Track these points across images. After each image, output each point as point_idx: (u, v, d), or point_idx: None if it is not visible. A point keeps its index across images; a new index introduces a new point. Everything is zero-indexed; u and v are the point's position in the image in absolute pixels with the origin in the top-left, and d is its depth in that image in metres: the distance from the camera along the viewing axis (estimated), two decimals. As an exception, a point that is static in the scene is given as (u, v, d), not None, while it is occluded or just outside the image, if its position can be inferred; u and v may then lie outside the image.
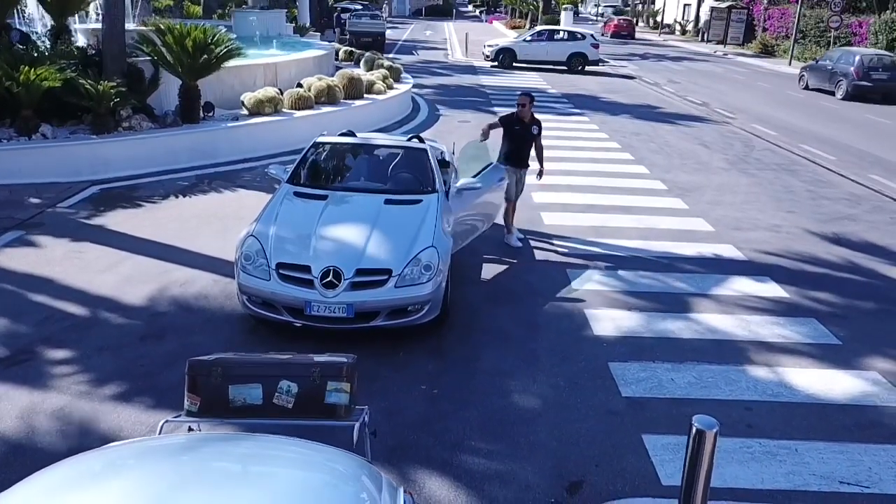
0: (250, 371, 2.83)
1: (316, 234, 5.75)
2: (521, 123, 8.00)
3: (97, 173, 9.90)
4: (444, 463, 4.31)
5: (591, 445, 4.56)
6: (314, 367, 2.83)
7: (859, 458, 4.52)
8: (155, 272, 6.89)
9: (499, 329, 6.11)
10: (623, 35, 46.17)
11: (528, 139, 8.07)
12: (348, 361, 2.90)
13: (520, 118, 7.97)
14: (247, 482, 1.96)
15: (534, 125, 8.06)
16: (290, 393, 2.80)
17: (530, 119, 8.03)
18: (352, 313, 5.36)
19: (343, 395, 2.83)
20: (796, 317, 6.59)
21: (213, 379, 2.80)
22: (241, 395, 2.79)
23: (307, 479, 2.01)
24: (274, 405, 2.80)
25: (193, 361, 2.88)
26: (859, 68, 22.43)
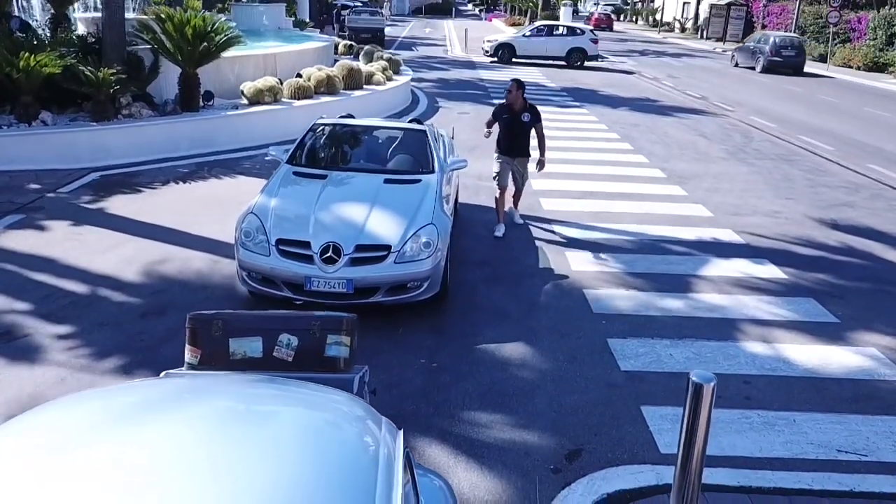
0: (251, 324, 2.84)
1: (315, 212, 5.77)
2: (511, 111, 7.72)
3: (97, 160, 9.91)
4: (444, 431, 4.33)
5: (590, 416, 4.58)
6: (314, 320, 2.85)
7: (857, 429, 4.54)
8: (155, 253, 6.91)
9: (498, 308, 6.12)
10: (602, 28, 48.29)
11: (520, 127, 7.75)
12: (348, 316, 2.92)
13: (509, 106, 7.73)
14: (249, 419, 1.96)
15: (525, 112, 7.71)
16: (290, 346, 2.81)
17: (521, 106, 7.72)
18: (351, 289, 5.38)
19: (343, 349, 2.85)
20: (794, 297, 6.60)
21: (213, 332, 2.82)
22: (241, 348, 2.81)
23: (310, 417, 2.02)
24: (274, 358, 2.82)
25: (194, 315, 2.90)
26: (772, 47, 27.55)
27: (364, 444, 1.88)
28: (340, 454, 1.78)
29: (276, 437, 1.83)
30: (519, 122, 7.72)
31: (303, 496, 1.57)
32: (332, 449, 1.80)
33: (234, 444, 1.72)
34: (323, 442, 1.82)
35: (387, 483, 1.71)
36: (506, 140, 7.82)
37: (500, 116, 7.79)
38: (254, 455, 1.70)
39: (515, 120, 7.71)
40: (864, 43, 31.50)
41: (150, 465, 1.59)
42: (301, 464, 1.68)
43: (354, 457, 1.78)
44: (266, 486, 1.58)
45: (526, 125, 7.74)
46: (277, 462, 1.69)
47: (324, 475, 1.67)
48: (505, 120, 7.75)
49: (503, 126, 7.80)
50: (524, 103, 7.73)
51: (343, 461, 1.75)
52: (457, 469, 3.99)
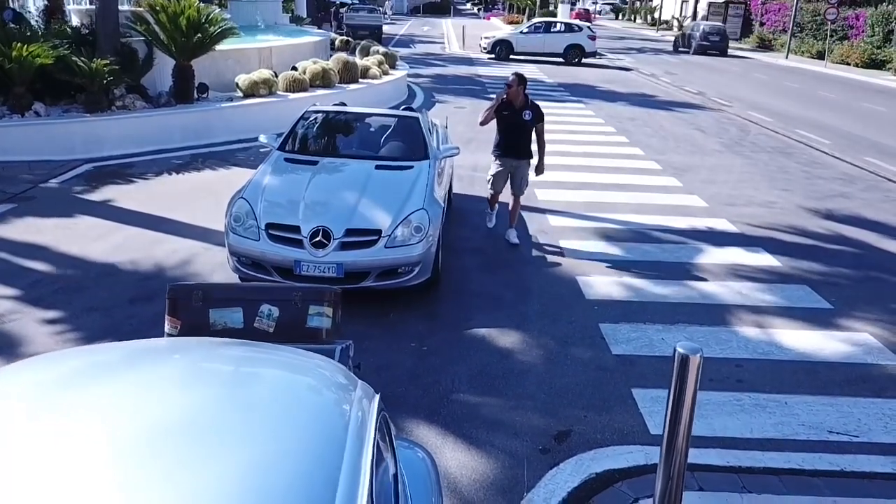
0: (231, 295, 2.81)
1: (306, 196, 5.74)
2: (511, 108, 6.94)
3: (90, 151, 9.87)
4: (432, 412, 4.29)
5: (579, 398, 4.55)
6: (296, 291, 2.82)
7: (848, 410, 4.51)
8: (146, 241, 6.88)
9: (490, 293, 6.09)
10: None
11: (520, 126, 6.99)
12: (331, 288, 2.89)
13: (509, 102, 6.97)
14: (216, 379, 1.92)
15: (525, 110, 6.94)
16: (271, 317, 2.78)
17: (522, 103, 6.97)
18: (341, 273, 5.35)
19: (325, 320, 2.82)
20: (788, 284, 6.58)
21: (193, 302, 2.79)
22: (221, 319, 2.78)
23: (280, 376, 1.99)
24: (255, 329, 2.79)
25: (174, 285, 2.87)
26: (702, 34, 33.82)
27: (335, 404, 1.85)
28: (310, 413, 1.75)
29: (245, 395, 1.80)
30: (519, 121, 6.97)
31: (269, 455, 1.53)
32: (301, 407, 1.76)
33: (196, 403, 1.69)
34: (291, 400, 1.79)
35: (357, 444, 1.67)
36: (504, 139, 7.10)
37: (500, 113, 7.03)
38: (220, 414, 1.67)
39: (515, 118, 6.98)
40: (862, 40, 31.48)
41: (109, 426, 1.55)
42: (268, 422, 1.65)
43: (324, 416, 1.75)
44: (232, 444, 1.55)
45: (527, 124, 6.98)
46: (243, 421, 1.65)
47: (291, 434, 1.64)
48: (504, 117, 7.02)
49: (502, 123, 7.06)
50: (525, 100, 7.01)
51: (312, 420, 1.72)
52: (444, 449, 3.96)
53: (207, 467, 1.44)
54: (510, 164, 7.08)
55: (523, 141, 7.07)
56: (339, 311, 3.03)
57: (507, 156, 7.08)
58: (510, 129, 7.03)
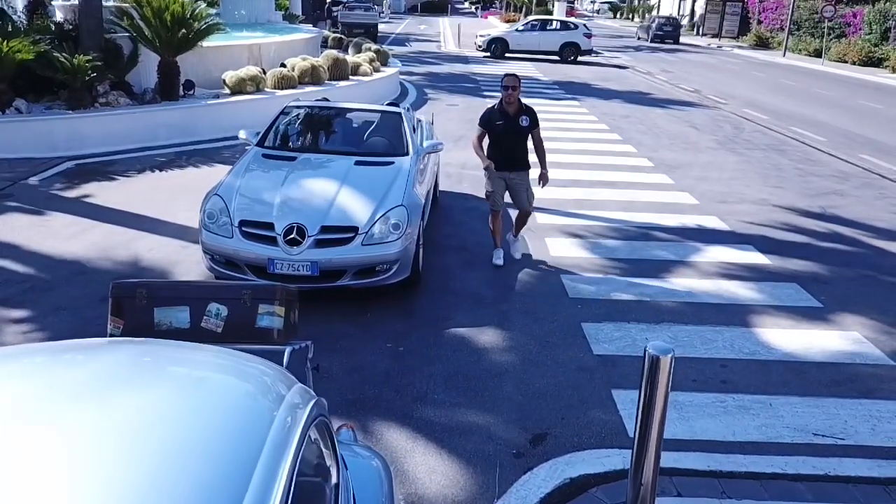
0: (177, 294, 2.67)
1: (281, 193, 5.60)
2: (505, 116, 6.25)
3: (73, 149, 9.73)
4: (405, 415, 4.15)
5: (558, 400, 4.41)
6: (245, 290, 2.68)
7: (835, 412, 4.37)
8: (122, 239, 6.74)
9: (472, 292, 5.96)
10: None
11: (517, 134, 6.30)
12: (283, 286, 2.75)
13: (503, 109, 6.27)
14: (129, 381, 1.78)
15: (522, 116, 6.26)
16: (219, 316, 2.64)
17: (517, 108, 6.27)
18: (316, 271, 5.21)
19: (276, 319, 2.68)
20: (778, 282, 6.44)
21: (137, 301, 2.65)
22: (167, 319, 2.64)
23: (198, 378, 1.86)
24: (202, 329, 2.65)
25: (117, 283, 2.73)
26: (657, 25, 39.94)
27: (256, 409, 1.71)
28: (223, 418, 1.62)
29: (154, 398, 1.68)
30: (516, 128, 6.27)
31: (167, 461, 1.41)
32: (215, 412, 1.64)
33: (101, 409, 1.56)
34: (206, 404, 1.66)
35: (276, 451, 1.55)
36: (500, 151, 6.31)
37: (493, 123, 6.28)
38: (127, 417, 1.54)
39: (512, 126, 6.25)
40: (860, 37, 31.34)
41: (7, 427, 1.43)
42: (173, 427, 1.52)
43: (239, 421, 1.62)
44: (129, 448, 1.43)
45: (524, 131, 6.31)
46: (145, 424, 1.53)
47: (197, 439, 1.52)
48: (499, 127, 6.26)
49: (496, 134, 6.30)
50: (520, 105, 6.31)
51: (225, 425, 1.59)
52: (414, 454, 3.82)
53: (96, 474, 1.33)
54: (507, 178, 6.35)
55: (520, 150, 6.36)
56: (296, 311, 2.89)
57: (503, 168, 6.30)
58: (506, 139, 6.29)
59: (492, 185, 6.36)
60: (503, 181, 6.35)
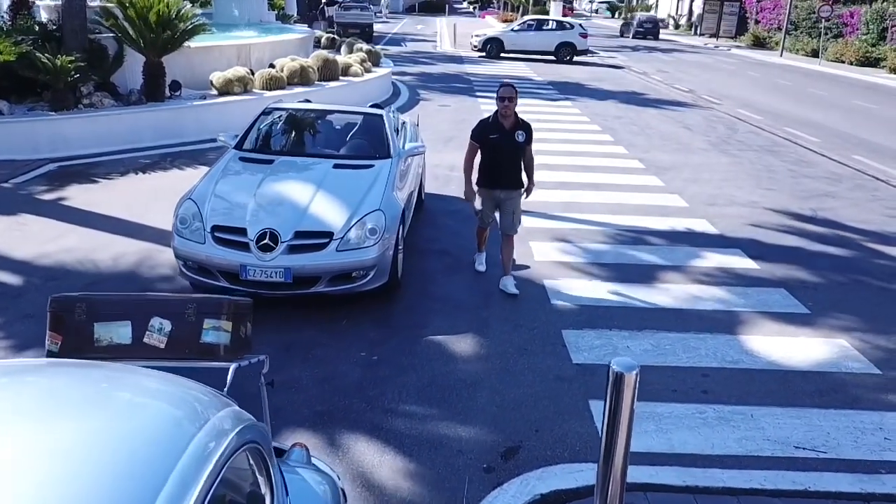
0: (118, 308, 2.56)
1: (256, 197, 5.48)
2: (500, 129, 5.77)
3: (56, 151, 9.60)
4: (374, 427, 4.04)
5: (533, 411, 4.29)
6: (190, 304, 2.56)
7: (818, 424, 4.26)
8: (99, 243, 6.62)
9: (451, 298, 5.84)
10: None
11: (512, 150, 5.80)
12: (230, 299, 2.63)
13: (498, 122, 5.79)
14: (31, 409, 1.68)
15: (519, 131, 5.79)
16: (162, 331, 2.53)
17: (514, 122, 5.78)
18: (290, 278, 5.08)
19: (222, 335, 2.56)
20: (764, 287, 6.32)
21: (76, 316, 2.53)
22: (107, 334, 2.52)
23: (116, 406, 1.75)
24: (144, 345, 2.53)
25: (56, 297, 2.62)
26: (638, 23, 43.14)
27: (167, 437, 1.60)
28: (128, 444, 1.52)
29: (62, 427, 1.58)
30: (512, 144, 5.79)
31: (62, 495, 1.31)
32: (120, 439, 1.54)
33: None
34: (111, 431, 1.56)
35: (186, 477, 1.46)
36: (492, 168, 5.87)
37: (487, 137, 5.81)
38: (18, 447, 1.43)
39: (507, 141, 5.78)
40: (857, 37, 31.23)
41: None
42: (75, 455, 1.43)
43: (145, 448, 1.52)
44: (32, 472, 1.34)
45: (520, 147, 5.83)
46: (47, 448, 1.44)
47: (99, 462, 1.45)
48: (493, 141, 5.80)
49: (489, 149, 5.85)
50: (516, 118, 5.82)
51: (131, 454, 1.48)
52: (381, 468, 3.70)
53: None
54: (497, 196, 5.94)
55: (514, 167, 5.90)
56: (248, 325, 2.77)
57: (493, 186, 5.91)
58: (499, 155, 5.82)
59: (482, 202, 6.06)
60: (493, 199, 5.99)
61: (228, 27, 18.25)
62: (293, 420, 4.07)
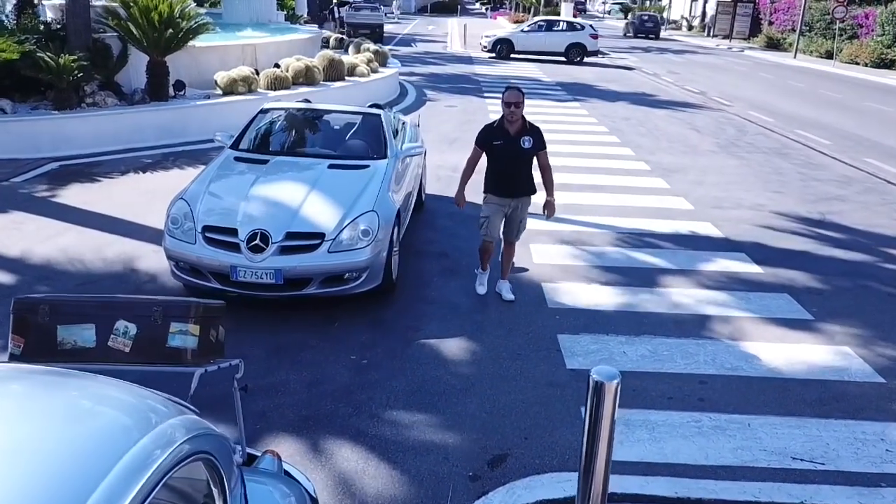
0: (82, 310, 2.48)
1: (248, 197, 5.41)
2: (506, 135, 5.43)
3: (59, 150, 9.60)
4: (359, 433, 3.95)
5: (523, 418, 4.19)
6: (156, 306, 2.48)
7: (817, 434, 4.13)
8: (95, 243, 6.58)
9: (447, 300, 5.75)
10: None
11: (518, 157, 5.46)
12: (199, 302, 2.54)
13: (503, 127, 5.44)
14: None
15: (525, 136, 5.43)
16: (127, 335, 2.45)
17: (520, 127, 5.43)
18: (281, 279, 5.01)
19: (190, 339, 2.48)
20: (768, 292, 6.19)
21: (39, 318, 2.46)
22: (71, 337, 2.45)
23: (49, 416, 1.68)
24: (109, 348, 2.45)
25: (20, 299, 2.54)
26: (640, 21, 45.54)
27: (104, 443, 1.54)
28: (60, 449, 1.47)
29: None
30: (518, 150, 5.44)
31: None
32: (53, 444, 1.49)
33: None
34: (42, 440, 1.50)
35: (118, 485, 1.41)
36: (499, 175, 5.52)
37: (490, 143, 5.48)
38: None
39: (513, 147, 5.43)
40: (872, 38, 30.86)
41: None
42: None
43: (70, 461, 1.45)
44: None
45: (526, 153, 5.46)
46: None
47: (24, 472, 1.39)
48: (497, 148, 5.46)
49: (495, 156, 5.51)
50: (523, 123, 5.48)
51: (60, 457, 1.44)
52: (364, 475, 3.62)
53: None
54: (507, 205, 5.59)
55: (523, 174, 5.54)
56: (220, 328, 2.69)
57: (503, 194, 5.55)
58: (505, 162, 5.47)
59: (489, 210, 5.59)
60: (502, 209, 5.58)
61: (237, 27, 18.26)
62: (278, 425, 4.00)
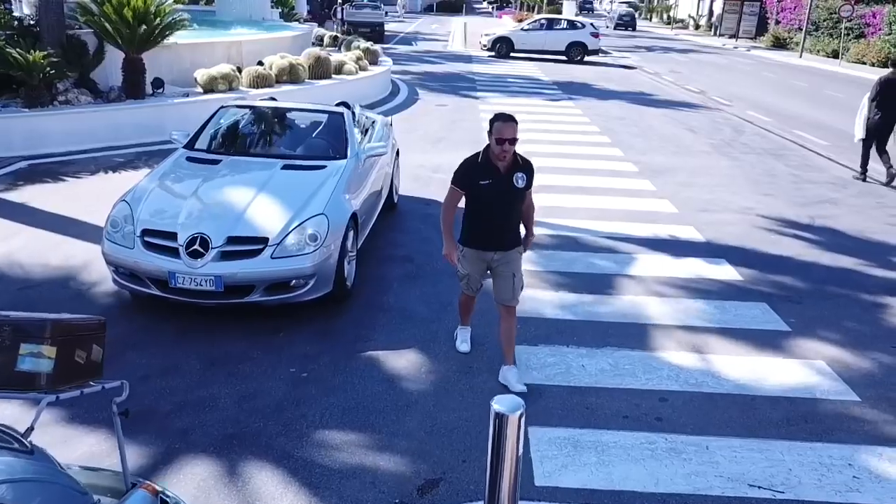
0: (-79, 329, 2.23)
1: (192, 200, 5.17)
2: (493, 173, 4.21)
3: (31, 148, 9.40)
4: (284, 455, 3.69)
5: (465, 437, 3.92)
6: (6, 325, 2.22)
7: (780, 458, 3.83)
8: (48, 245, 6.36)
9: (403, 308, 5.48)
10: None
11: (509, 200, 4.29)
12: (57, 319, 2.28)
13: (489, 164, 4.23)
14: None
15: (518, 174, 4.23)
16: (-32, 357, 2.20)
17: (511, 162, 4.22)
18: (221, 286, 4.76)
19: (43, 362, 2.22)
20: (745, 301, 5.88)
21: None
22: None
23: None
24: (-49, 372, 2.20)
25: None
26: (618, 16, 50.80)
27: None
28: None
29: None
30: (509, 191, 4.25)
31: None
32: None
33: None
34: None
35: None
36: (484, 222, 4.34)
37: (474, 183, 4.25)
38: None
39: (503, 187, 4.24)
40: (879, 38, 30.35)
41: None
42: None
43: None
44: None
45: (520, 194, 4.32)
46: None
47: None
48: (484, 189, 4.23)
49: (477, 199, 4.30)
50: (515, 157, 4.25)
51: None
52: (282, 501, 3.35)
53: None
54: (490, 259, 4.44)
55: (512, 221, 4.42)
56: (93, 347, 2.43)
57: (487, 247, 4.40)
58: (492, 207, 4.29)
59: (468, 266, 4.48)
60: (484, 263, 4.47)
61: (230, 25, 18.06)
62: (198, 444, 3.74)
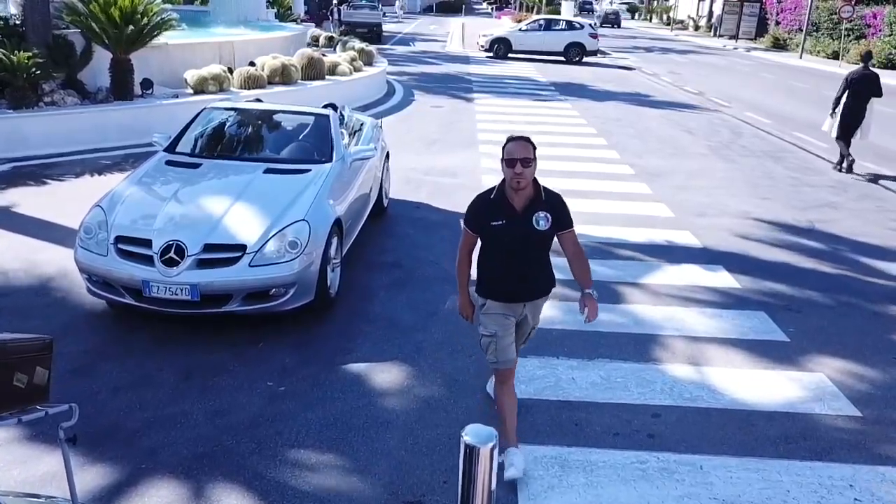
0: None
1: (169, 205, 4.98)
2: (508, 210, 3.49)
3: (15, 150, 9.22)
4: (255, 476, 3.50)
5: (447, 456, 3.73)
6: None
7: (777, 479, 3.65)
8: (23, 251, 6.17)
9: (389, 317, 5.30)
10: None
11: (528, 242, 3.54)
12: (6, 340, 2.10)
13: (503, 199, 3.51)
14: None
15: (539, 213, 3.48)
16: None
17: (531, 198, 3.50)
18: (196, 295, 4.57)
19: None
20: (743, 310, 5.70)
21: None
22: None
23: None
24: None
25: None
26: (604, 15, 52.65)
27: None
28: None
29: None
30: (529, 233, 3.50)
31: None
32: None
33: None
34: None
35: None
36: (502, 271, 3.60)
37: (486, 224, 3.54)
38: None
39: (521, 229, 3.50)
40: (880, 39, 30.18)
41: None
42: None
43: None
44: None
45: (543, 236, 3.56)
46: None
47: None
48: (498, 230, 3.52)
49: (495, 243, 3.59)
50: (536, 189, 3.55)
51: None
52: (249, 528, 3.17)
53: None
54: (517, 312, 3.70)
55: (535, 266, 3.65)
56: (36, 369, 2.24)
57: (510, 298, 3.64)
58: (508, 252, 3.56)
59: (493, 324, 3.63)
60: (511, 318, 3.67)
61: (224, 25, 17.89)
62: (166, 464, 3.55)
